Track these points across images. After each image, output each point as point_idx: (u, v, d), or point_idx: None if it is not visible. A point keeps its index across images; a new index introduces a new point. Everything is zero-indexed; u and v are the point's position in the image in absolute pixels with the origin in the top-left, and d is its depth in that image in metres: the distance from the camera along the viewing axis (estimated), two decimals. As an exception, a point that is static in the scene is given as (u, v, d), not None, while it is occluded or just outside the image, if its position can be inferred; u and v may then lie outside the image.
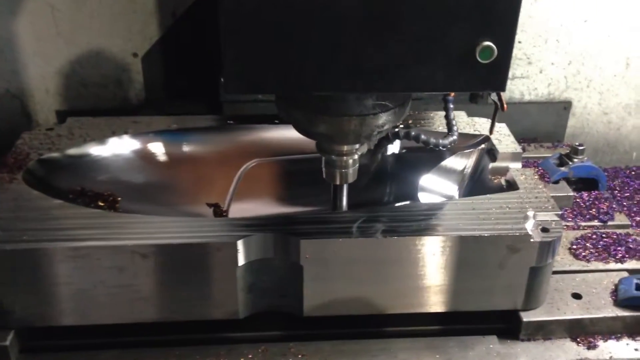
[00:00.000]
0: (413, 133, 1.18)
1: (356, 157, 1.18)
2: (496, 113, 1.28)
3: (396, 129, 1.24)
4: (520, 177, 1.27)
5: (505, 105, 1.24)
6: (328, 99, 1.05)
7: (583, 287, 1.24)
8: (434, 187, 1.36)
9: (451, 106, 1.20)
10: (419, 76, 0.97)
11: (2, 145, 1.36)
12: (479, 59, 0.94)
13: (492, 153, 1.35)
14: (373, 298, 1.15)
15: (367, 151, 1.22)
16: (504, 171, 1.32)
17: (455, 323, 1.21)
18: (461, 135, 1.41)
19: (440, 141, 1.18)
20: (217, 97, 1.59)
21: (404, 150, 1.41)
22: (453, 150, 1.39)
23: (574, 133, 1.88)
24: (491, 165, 1.34)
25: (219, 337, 1.18)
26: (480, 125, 1.44)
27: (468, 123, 1.45)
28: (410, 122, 1.43)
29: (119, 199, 1.30)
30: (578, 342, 1.18)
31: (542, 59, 1.77)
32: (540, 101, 1.83)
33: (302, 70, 0.96)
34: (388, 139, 1.21)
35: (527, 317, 1.17)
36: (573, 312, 1.19)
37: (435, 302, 1.16)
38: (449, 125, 1.21)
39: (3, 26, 1.61)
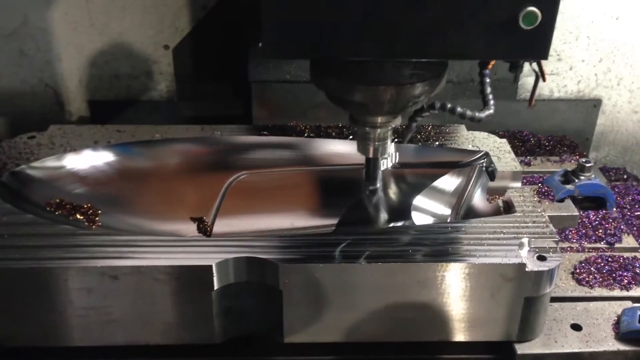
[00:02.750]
0: (449, 105, 1.13)
1: (390, 129, 1.14)
2: (537, 84, 1.20)
3: (432, 101, 1.18)
4: (518, 198, 1.20)
5: (545, 76, 1.16)
6: (364, 67, 1.02)
7: (584, 318, 1.17)
8: (427, 207, 1.29)
9: (487, 80, 1.13)
10: (458, 42, 0.94)
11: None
12: (522, 25, 0.90)
13: (490, 171, 1.28)
14: (357, 325, 1.09)
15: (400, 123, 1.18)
16: (502, 191, 1.25)
17: (444, 353, 1.14)
18: (458, 151, 1.35)
19: (477, 114, 1.12)
20: (246, 82, 1.60)
21: (398, 166, 1.34)
22: (450, 167, 1.32)
23: (604, 131, 1.86)
24: (489, 184, 1.26)
25: (195, 362, 1.13)
26: (479, 140, 1.37)
27: (467, 138, 1.38)
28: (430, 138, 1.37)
29: (99, 211, 1.25)
30: (576, 377, 1.11)
31: (573, 55, 1.75)
32: (570, 98, 1.80)
33: (339, 34, 0.94)
34: (423, 110, 1.15)
35: (521, 349, 1.11)
36: (571, 345, 1.12)
37: (422, 331, 1.10)
38: (485, 99, 1.14)
39: (38, 16, 1.62)
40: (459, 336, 1.10)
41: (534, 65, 1.14)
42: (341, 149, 1.40)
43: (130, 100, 1.73)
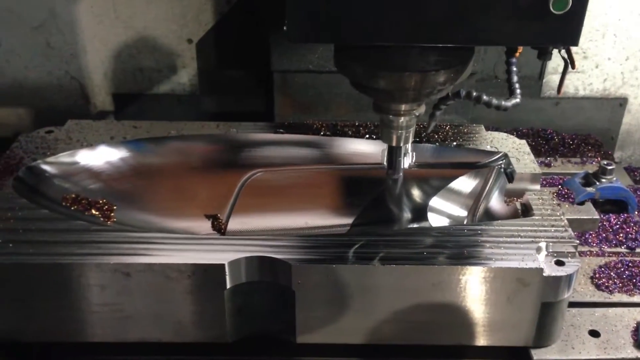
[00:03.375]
0: (475, 93, 1.11)
1: (414, 117, 1.13)
2: (566, 71, 1.17)
3: (457, 89, 1.16)
4: (536, 200, 1.18)
5: (575, 63, 1.14)
6: (389, 53, 1.00)
7: (602, 324, 1.14)
8: (443, 209, 1.27)
9: (514, 68, 1.11)
10: (485, 27, 0.93)
11: (61, 125, 1.38)
12: (552, 10, 0.89)
13: (509, 172, 1.26)
14: (369, 327, 1.08)
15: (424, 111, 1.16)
16: (520, 193, 1.22)
17: (459, 357, 1.13)
18: (477, 151, 1.33)
19: (503, 103, 1.10)
20: (269, 72, 1.59)
21: (415, 167, 1.32)
22: (467, 168, 1.30)
23: (629, 130, 1.84)
24: (507, 186, 1.24)
25: (207, 361, 1.13)
26: (498, 141, 1.35)
27: (485, 138, 1.35)
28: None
29: (114, 207, 1.25)
30: (593, 385, 1.09)
31: (599, 53, 1.73)
32: (595, 97, 1.78)
33: (364, 18, 0.93)
34: (448, 98, 1.14)
35: (537, 355, 1.09)
36: (589, 351, 1.09)
37: (437, 335, 1.08)
38: (512, 87, 1.12)
39: (65, 9, 1.64)
40: (475, 340, 1.09)
41: (563, 52, 1.12)
42: (357, 148, 1.39)
43: (154, 94, 1.74)
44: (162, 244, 1.06)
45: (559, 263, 1.04)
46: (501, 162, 1.29)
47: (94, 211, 1.23)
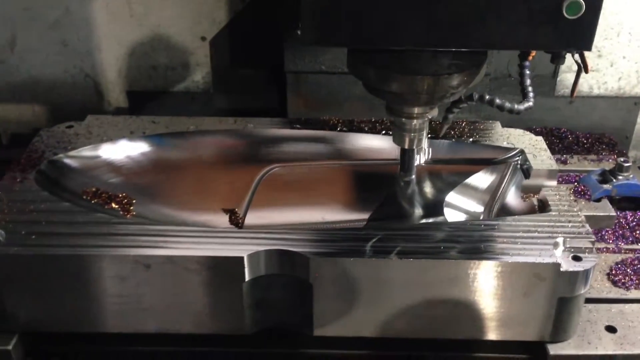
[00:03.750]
0: (487, 97, 1.11)
1: (427, 120, 1.14)
2: (579, 75, 1.17)
3: (470, 92, 1.16)
4: (553, 196, 1.18)
5: (589, 68, 1.14)
6: (402, 56, 1.01)
7: (619, 320, 1.14)
8: (459, 204, 1.28)
9: (527, 72, 1.11)
10: (499, 32, 0.94)
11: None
12: (565, 15, 0.90)
13: (525, 169, 1.26)
14: (386, 320, 1.08)
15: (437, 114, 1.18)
16: (537, 189, 1.23)
17: (476, 351, 1.13)
18: (494, 148, 1.33)
19: (516, 106, 1.10)
20: (282, 72, 1.60)
21: (431, 162, 1.33)
22: (484, 164, 1.30)
23: None
24: (523, 182, 1.24)
25: (225, 352, 1.14)
26: (514, 138, 1.35)
27: (502, 135, 1.36)
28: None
29: (134, 201, 1.26)
30: (609, 380, 1.09)
31: (613, 52, 1.71)
32: (610, 96, 1.76)
33: (378, 22, 0.94)
34: (461, 101, 1.14)
35: (554, 350, 1.09)
36: (605, 347, 1.09)
37: (453, 329, 1.09)
38: (525, 91, 1.12)
39: (79, 7, 1.65)
40: (491, 335, 1.09)
41: (577, 56, 1.12)
42: (374, 144, 1.39)
43: (167, 91, 1.75)
44: (181, 237, 1.07)
45: (576, 258, 1.04)
46: (518, 158, 1.29)
47: (113, 205, 1.24)
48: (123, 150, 1.34)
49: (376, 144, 1.39)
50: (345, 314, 1.08)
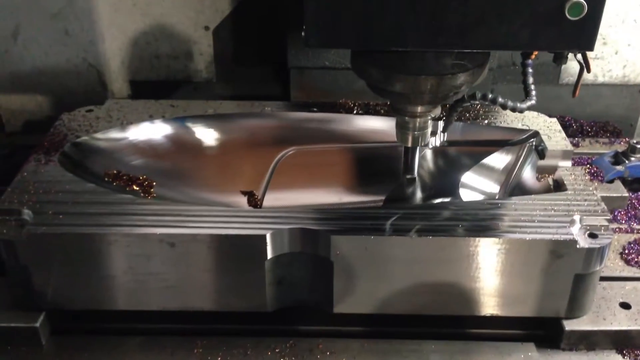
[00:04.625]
0: (490, 95, 1.13)
1: (430, 119, 1.15)
2: (581, 75, 1.19)
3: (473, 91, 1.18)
4: (569, 176, 1.20)
5: (590, 67, 1.15)
6: (405, 56, 1.02)
7: (632, 297, 1.17)
8: (475, 185, 1.30)
9: (530, 70, 1.13)
10: (502, 33, 0.94)
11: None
12: (568, 16, 0.90)
13: (540, 150, 1.28)
14: (405, 297, 1.11)
15: (440, 113, 1.19)
16: (552, 170, 1.24)
17: (491, 327, 1.16)
18: (508, 129, 1.35)
19: (519, 105, 1.11)
20: (285, 66, 1.60)
21: (446, 144, 1.34)
22: (499, 145, 1.32)
23: None
24: (539, 163, 1.26)
25: (247, 329, 1.16)
26: (529, 119, 1.36)
27: (516, 117, 1.37)
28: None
29: (154, 183, 1.29)
30: (624, 355, 1.11)
31: (618, 39, 1.70)
32: (614, 83, 1.75)
33: (382, 24, 0.95)
34: (464, 100, 1.16)
35: (569, 325, 1.11)
36: (620, 322, 1.12)
37: (470, 305, 1.11)
38: (527, 89, 1.14)
39: None
40: (508, 311, 1.11)
41: (579, 56, 1.13)
42: (390, 127, 1.41)
43: (170, 81, 1.75)
44: (204, 216, 1.10)
45: (593, 236, 1.06)
46: (533, 139, 1.31)
47: (134, 187, 1.27)
48: (144, 133, 1.36)
49: (392, 127, 1.41)
50: (365, 292, 1.10)
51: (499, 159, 1.32)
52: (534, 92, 1.13)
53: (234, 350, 1.12)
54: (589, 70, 1.15)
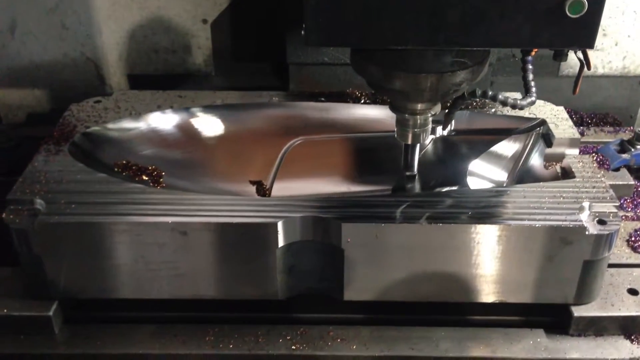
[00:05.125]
0: (490, 93, 1.13)
1: (430, 116, 1.15)
2: (581, 72, 1.19)
3: (473, 88, 1.18)
4: (577, 164, 1.21)
5: (591, 64, 1.16)
6: (405, 54, 1.02)
7: (640, 283, 1.18)
8: (483, 173, 1.30)
9: (530, 67, 1.13)
10: (502, 30, 0.95)
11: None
12: (568, 13, 0.91)
13: (547, 138, 1.28)
14: (415, 285, 1.12)
15: (440, 110, 1.18)
16: (559, 158, 1.25)
17: (500, 314, 1.16)
18: (515, 118, 1.35)
19: (519, 102, 1.12)
20: (284, 61, 1.59)
21: (453, 133, 1.35)
22: (506, 134, 1.33)
23: None
24: (546, 151, 1.27)
25: (258, 317, 1.17)
26: (536, 107, 1.37)
27: (523, 105, 1.38)
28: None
29: (163, 173, 1.29)
30: (632, 340, 1.12)
31: (619, 31, 1.69)
32: (614, 75, 1.75)
33: (382, 22, 0.95)
34: (464, 98, 1.16)
35: (578, 312, 1.12)
36: (628, 308, 1.13)
37: (479, 292, 1.12)
38: (527, 86, 1.14)
39: None
40: (517, 298, 1.12)
41: (579, 53, 1.13)
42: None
43: (168, 74, 1.73)
44: (216, 205, 1.10)
45: (601, 222, 1.07)
46: (540, 127, 1.32)
47: (144, 177, 1.27)
48: (153, 123, 1.36)
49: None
50: (375, 279, 1.11)
51: (506, 148, 1.33)
52: (534, 89, 1.13)
53: (246, 338, 1.13)
54: (589, 68, 1.15)
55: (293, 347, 1.12)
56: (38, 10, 1.64)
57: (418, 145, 1.20)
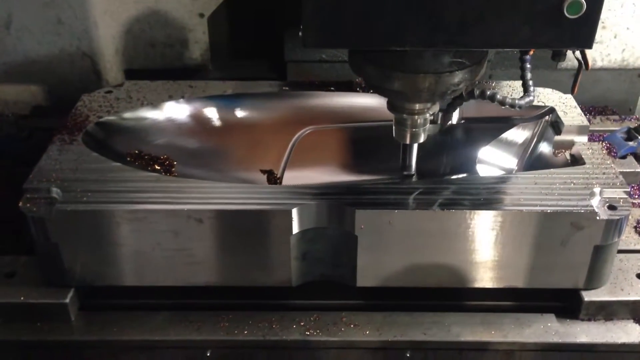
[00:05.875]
0: (488, 92, 1.14)
1: (427, 116, 1.15)
2: (580, 72, 1.20)
3: (471, 88, 1.19)
4: (586, 151, 1.22)
5: (589, 64, 1.17)
6: (403, 55, 1.02)
7: (649, 268, 1.19)
8: (493, 160, 1.31)
9: (528, 66, 1.14)
10: (501, 31, 0.94)
11: (74, 102, 1.37)
12: (566, 14, 0.91)
13: (556, 125, 1.30)
14: (428, 271, 1.13)
15: (439, 110, 1.19)
16: (568, 145, 1.26)
17: (512, 299, 1.18)
18: (524, 106, 1.36)
19: (517, 101, 1.13)
20: (282, 58, 1.58)
21: (462, 121, 1.36)
22: (515, 121, 1.34)
23: None
24: (555, 138, 1.28)
25: (272, 304, 1.19)
26: (544, 95, 1.38)
27: (532, 93, 1.39)
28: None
29: (175, 163, 1.30)
30: (641, 324, 1.14)
31: (617, 23, 1.69)
32: (613, 68, 1.75)
33: (380, 24, 0.95)
34: (462, 98, 1.17)
35: (588, 296, 1.13)
36: (638, 293, 1.14)
37: (491, 278, 1.13)
38: (526, 85, 1.15)
39: None
40: (528, 283, 1.14)
41: (577, 53, 1.14)
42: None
43: (166, 69, 1.72)
44: (230, 193, 1.11)
45: (612, 207, 1.08)
46: (549, 115, 1.33)
47: (156, 166, 1.28)
48: (164, 113, 1.37)
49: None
50: (388, 265, 1.12)
51: (515, 135, 1.34)
52: (532, 88, 1.13)
53: (260, 324, 1.15)
54: (587, 68, 1.15)
55: (307, 333, 1.13)
56: (33, 5, 1.63)
57: (416, 145, 1.20)
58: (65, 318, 1.14)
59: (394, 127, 1.18)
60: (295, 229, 1.09)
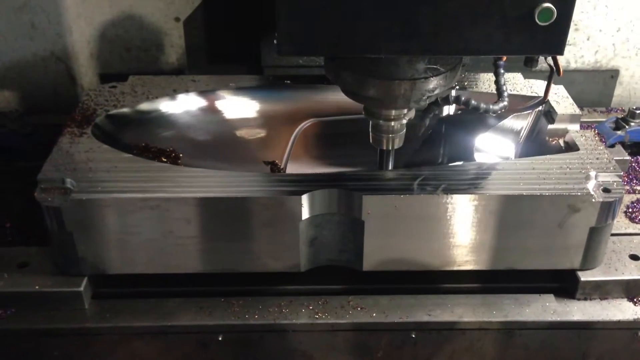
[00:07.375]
0: (463, 98, 1.18)
1: (404, 122, 1.18)
2: (551, 78, 1.26)
3: (446, 94, 1.23)
4: (580, 138, 1.27)
5: (561, 70, 1.22)
6: (379, 62, 1.04)
7: (641, 249, 1.25)
8: (489, 149, 1.36)
9: (502, 71, 1.18)
10: (474, 38, 0.97)
11: (48, 107, 1.34)
12: (538, 21, 0.93)
13: (549, 115, 1.35)
14: (431, 254, 1.17)
15: (415, 115, 1.21)
16: (562, 133, 1.32)
17: (512, 281, 1.23)
18: (518, 96, 1.41)
19: (491, 107, 1.17)
20: (259, 62, 1.60)
21: (459, 112, 1.41)
22: (510, 112, 1.39)
23: (621, 102, 1.83)
24: (549, 127, 1.33)
25: (281, 290, 1.22)
26: (537, 87, 1.44)
27: (525, 85, 1.44)
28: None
29: (181, 155, 1.33)
30: (635, 302, 1.19)
31: (590, 25, 1.72)
32: (587, 69, 1.78)
33: (356, 31, 0.96)
34: (438, 103, 1.20)
35: (584, 276, 1.19)
36: (631, 272, 1.20)
37: (493, 260, 1.18)
38: (499, 90, 1.19)
39: None
40: (527, 264, 1.18)
41: (549, 59, 1.18)
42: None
43: (141, 73, 1.65)
44: (240, 181, 1.15)
45: (606, 190, 1.13)
46: (542, 105, 1.38)
47: (163, 159, 1.31)
48: (169, 107, 1.40)
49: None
50: (393, 250, 1.16)
51: (511, 124, 1.39)
52: (506, 93, 1.18)
53: (270, 309, 1.18)
54: (559, 74, 1.19)
55: (316, 317, 1.17)
56: (6, 9, 1.61)
57: (393, 150, 1.22)
58: (79, 306, 1.16)
59: (370, 133, 1.21)
60: (305, 215, 1.12)
